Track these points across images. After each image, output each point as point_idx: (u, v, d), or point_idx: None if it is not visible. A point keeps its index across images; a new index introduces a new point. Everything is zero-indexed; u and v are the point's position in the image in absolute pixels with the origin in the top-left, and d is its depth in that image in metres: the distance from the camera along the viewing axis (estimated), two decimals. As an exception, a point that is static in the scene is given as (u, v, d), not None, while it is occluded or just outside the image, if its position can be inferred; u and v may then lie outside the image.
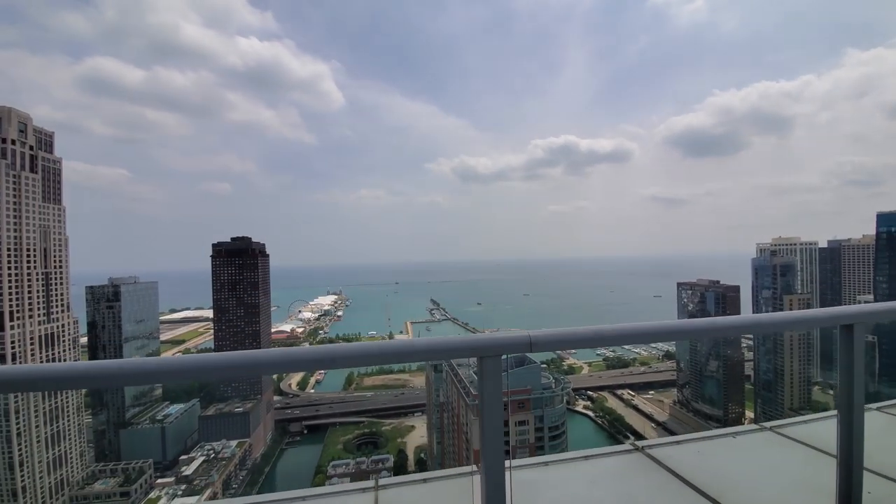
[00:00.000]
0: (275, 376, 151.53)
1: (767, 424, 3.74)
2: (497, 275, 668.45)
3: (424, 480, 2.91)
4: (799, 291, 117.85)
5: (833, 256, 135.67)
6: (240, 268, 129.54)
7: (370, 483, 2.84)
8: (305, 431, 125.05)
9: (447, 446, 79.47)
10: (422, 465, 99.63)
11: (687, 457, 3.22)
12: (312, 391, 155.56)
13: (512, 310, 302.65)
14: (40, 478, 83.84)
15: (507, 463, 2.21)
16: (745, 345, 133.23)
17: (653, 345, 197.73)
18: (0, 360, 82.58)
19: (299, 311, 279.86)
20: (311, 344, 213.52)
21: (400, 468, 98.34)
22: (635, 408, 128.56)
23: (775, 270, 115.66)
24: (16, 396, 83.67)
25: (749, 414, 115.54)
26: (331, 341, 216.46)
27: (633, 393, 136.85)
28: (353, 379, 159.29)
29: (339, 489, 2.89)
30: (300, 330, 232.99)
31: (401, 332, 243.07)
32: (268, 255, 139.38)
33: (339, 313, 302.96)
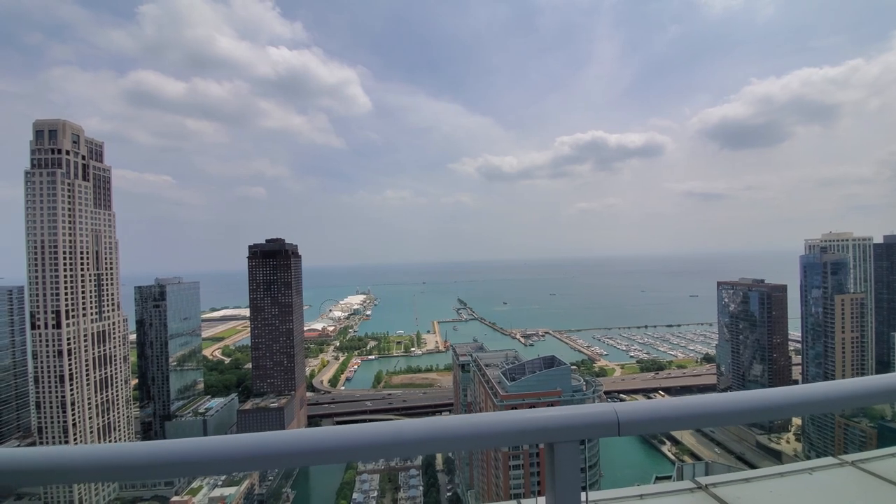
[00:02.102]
0: (307, 372, 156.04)
1: (848, 458, 3.31)
2: (524, 274, 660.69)
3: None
4: (852, 291, 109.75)
5: (890, 253, 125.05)
6: (274, 268, 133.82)
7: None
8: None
9: (475, 454, 79.21)
10: (450, 465, 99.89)
11: (759, 498, 2.87)
12: (343, 388, 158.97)
13: (539, 310, 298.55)
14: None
15: None
16: (792, 348, 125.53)
17: (690, 348, 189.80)
18: (57, 355, 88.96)
19: (330, 310, 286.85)
20: (340, 342, 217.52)
21: (428, 467, 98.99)
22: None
23: (826, 268, 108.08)
24: (72, 389, 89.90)
25: (797, 421, 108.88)
26: (360, 340, 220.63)
27: (662, 393, 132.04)
28: (381, 377, 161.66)
29: None
30: (331, 328, 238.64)
31: (428, 332, 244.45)
32: (300, 256, 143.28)
33: (368, 312, 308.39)
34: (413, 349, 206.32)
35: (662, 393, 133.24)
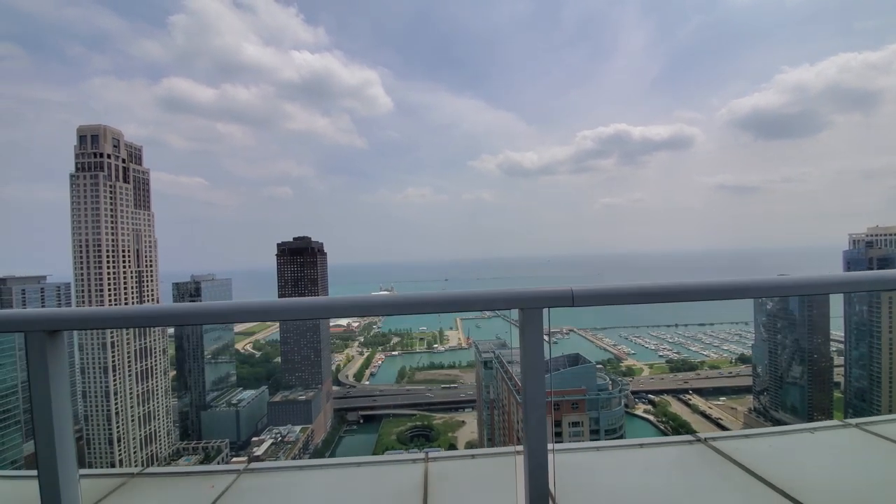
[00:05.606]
0: (333, 367, 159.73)
1: (853, 421, 3.31)
2: (547, 271, 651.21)
3: (472, 456, 2.96)
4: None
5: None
6: (301, 265, 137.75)
7: (420, 455, 2.95)
8: (361, 420, 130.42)
9: (498, 443, 79.24)
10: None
11: (757, 451, 2.91)
12: (367, 382, 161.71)
13: (561, 307, 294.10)
14: (134, 452, 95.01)
15: (549, 446, 2.23)
16: (834, 349, 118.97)
17: (724, 347, 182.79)
18: (101, 347, 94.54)
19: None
20: (365, 338, 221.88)
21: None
22: (703, 414, 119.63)
23: (872, 264, 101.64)
24: (115, 379, 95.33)
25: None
26: (383, 336, 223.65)
27: (691, 394, 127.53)
28: (405, 373, 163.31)
29: (393, 458, 3.02)
30: (356, 324, 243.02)
31: (451, 328, 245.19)
32: (325, 254, 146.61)
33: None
34: (436, 346, 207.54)
35: (692, 393, 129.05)
